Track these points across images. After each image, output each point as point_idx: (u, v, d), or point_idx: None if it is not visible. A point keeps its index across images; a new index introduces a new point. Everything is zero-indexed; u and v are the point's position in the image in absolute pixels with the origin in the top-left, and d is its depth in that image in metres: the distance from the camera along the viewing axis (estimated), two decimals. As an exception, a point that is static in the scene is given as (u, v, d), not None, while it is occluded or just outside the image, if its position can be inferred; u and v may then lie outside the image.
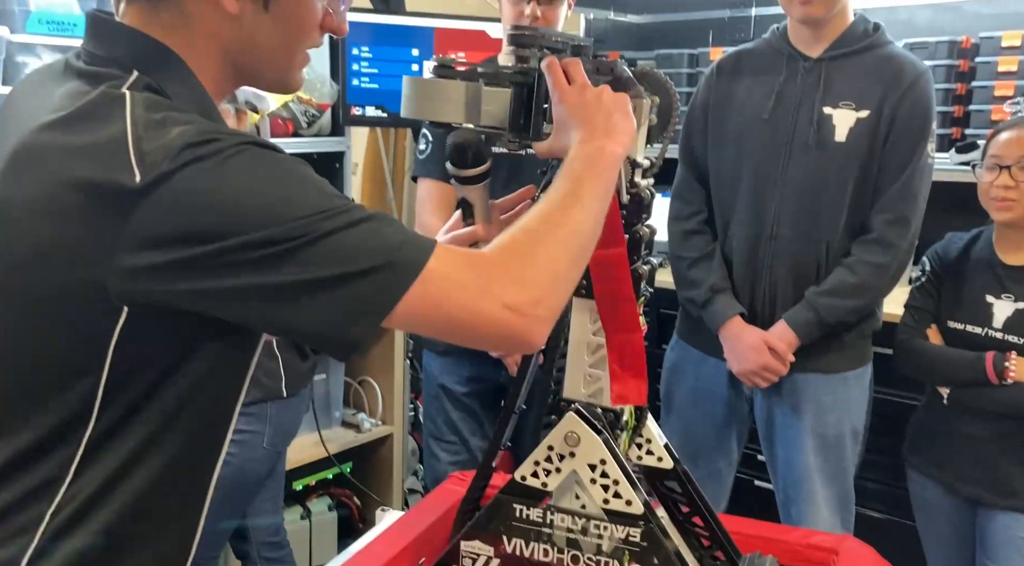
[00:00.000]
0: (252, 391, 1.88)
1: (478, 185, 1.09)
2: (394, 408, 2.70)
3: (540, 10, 1.87)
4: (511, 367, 1.99)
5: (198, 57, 0.83)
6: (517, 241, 0.82)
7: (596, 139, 0.91)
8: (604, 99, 0.93)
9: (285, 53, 0.87)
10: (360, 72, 2.59)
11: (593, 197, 0.87)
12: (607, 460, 0.98)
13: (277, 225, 0.72)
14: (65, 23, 1.93)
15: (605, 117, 0.92)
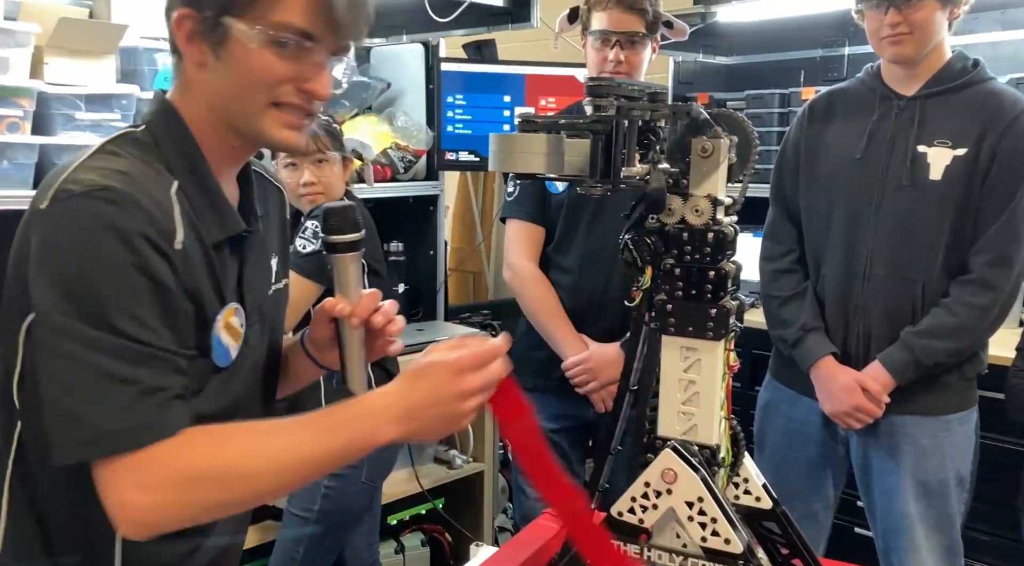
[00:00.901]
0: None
1: (344, 255, 1.05)
2: (485, 445, 2.74)
3: (623, 55, 1.91)
4: (597, 404, 2.02)
5: (195, 113, 0.95)
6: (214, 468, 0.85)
7: (387, 415, 0.88)
8: (440, 391, 0.89)
9: (246, 102, 0.92)
10: (454, 119, 2.70)
11: (317, 459, 0.87)
12: (704, 498, 0.99)
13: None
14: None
15: (419, 402, 0.89)
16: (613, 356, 1.97)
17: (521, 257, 2.06)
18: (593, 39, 1.95)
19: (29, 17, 1.82)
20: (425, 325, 2.81)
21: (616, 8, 1.90)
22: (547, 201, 2.04)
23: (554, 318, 2.03)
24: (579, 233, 2.02)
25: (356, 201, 2.05)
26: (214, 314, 0.94)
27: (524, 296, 2.08)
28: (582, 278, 2.02)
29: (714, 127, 1.01)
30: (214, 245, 0.95)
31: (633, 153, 1.01)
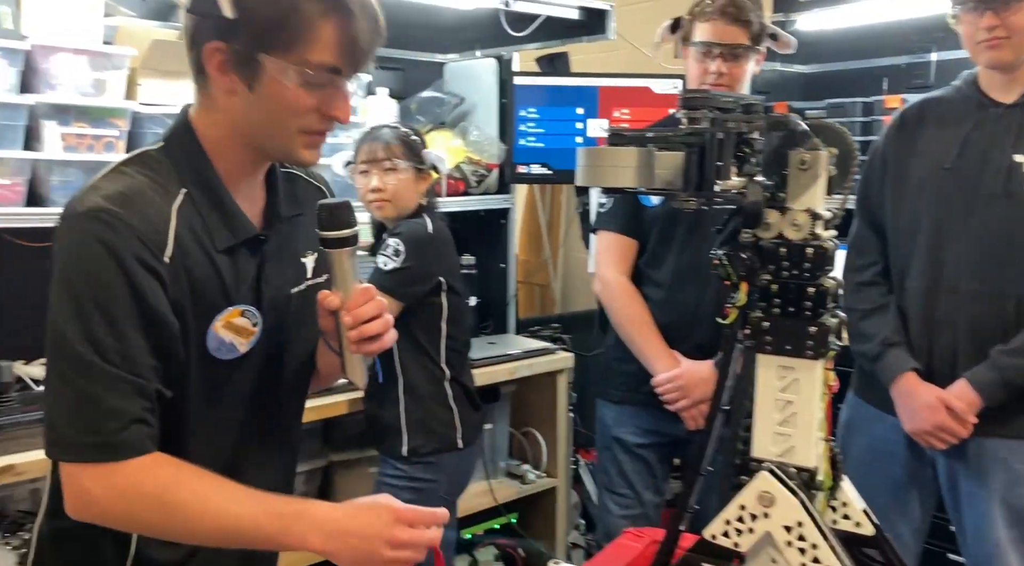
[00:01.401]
0: (429, 442, 1.98)
1: (339, 250, 1.05)
2: (558, 460, 2.72)
3: (725, 67, 1.87)
4: (688, 422, 1.97)
5: (216, 131, 1.02)
6: (165, 499, 0.94)
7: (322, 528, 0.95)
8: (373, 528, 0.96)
9: (277, 129, 1.00)
10: (527, 132, 2.70)
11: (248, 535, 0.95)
12: (804, 522, 0.96)
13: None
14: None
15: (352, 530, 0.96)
16: (706, 373, 1.92)
17: (612, 269, 2.04)
18: (695, 50, 1.91)
19: (124, 40, 1.89)
20: (496, 338, 2.81)
21: (720, 19, 1.86)
22: (641, 214, 2.00)
23: (645, 332, 1.99)
24: (673, 247, 1.98)
25: (433, 214, 2.06)
26: (213, 314, 1.02)
27: (614, 309, 2.04)
28: (675, 293, 1.98)
29: (813, 138, 0.98)
30: (225, 250, 1.03)
31: (729, 166, 0.99)
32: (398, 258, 1.91)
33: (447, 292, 2.00)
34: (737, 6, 1.86)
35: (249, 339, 1.06)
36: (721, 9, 1.86)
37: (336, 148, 2.29)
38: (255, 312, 1.06)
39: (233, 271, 1.04)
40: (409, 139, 2.02)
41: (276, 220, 1.10)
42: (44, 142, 1.77)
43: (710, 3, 1.88)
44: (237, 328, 1.05)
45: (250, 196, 1.08)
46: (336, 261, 1.06)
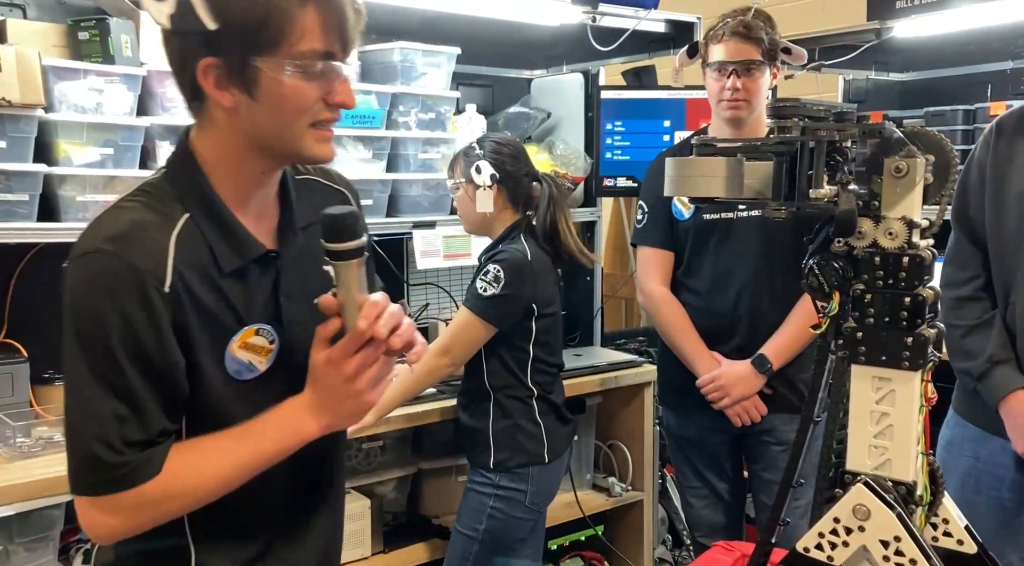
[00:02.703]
0: (516, 456, 2.01)
1: (342, 263, 1.00)
2: (644, 474, 2.70)
3: (740, 82, 2.00)
4: (733, 419, 2.10)
5: (217, 151, 1.01)
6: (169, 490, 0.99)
7: (303, 415, 1.02)
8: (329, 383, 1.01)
9: (286, 130, 0.99)
10: (613, 145, 2.72)
11: (245, 463, 1.00)
12: (902, 537, 0.94)
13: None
14: (365, 117, 2.23)
15: (322, 398, 1.01)
16: (744, 372, 2.08)
17: (652, 281, 2.19)
18: (711, 70, 2.05)
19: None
20: (583, 350, 2.82)
21: (732, 39, 2.00)
22: (675, 227, 2.16)
23: (685, 337, 2.14)
24: (707, 257, 2.13)
25: (534, 233, 2.05)
26: (228, 337, 1.02)
27: (657, 318, 2.21)
28: (712, 299, 2.13)
29: (909, 146, 0.97)
30: (232, 273, 1.02)
31: (820, 174, 0.98)
32: (497, 285, 1.95)
33: (538, 317, 2.02)
34: (747, 26, 2.00)
35: (267, 357, 1.05)
36: (732, 29, 2.00)
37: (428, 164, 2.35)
38: (270, 330, 1.05)
39: (244, 292, 1.03)
40: (471, 154, 2.05)
41: (291, 233, 1.08)
42: (158, 161, 1.89)
43: (722, 26, 2.02)
44: (253, 347, 1.04)
45: (262, 212, 1.07)
46: (341, 274, 1.00)
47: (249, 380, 1.05)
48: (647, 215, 2.20)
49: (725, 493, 2.23)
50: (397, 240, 2.44)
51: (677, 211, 2.14)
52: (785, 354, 2.07)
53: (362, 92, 2.20)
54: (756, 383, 2.08)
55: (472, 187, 2.02)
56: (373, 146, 2.24)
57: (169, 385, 0.99)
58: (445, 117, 2.40)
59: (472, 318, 1.97)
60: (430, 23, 2.31)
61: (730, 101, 2.01)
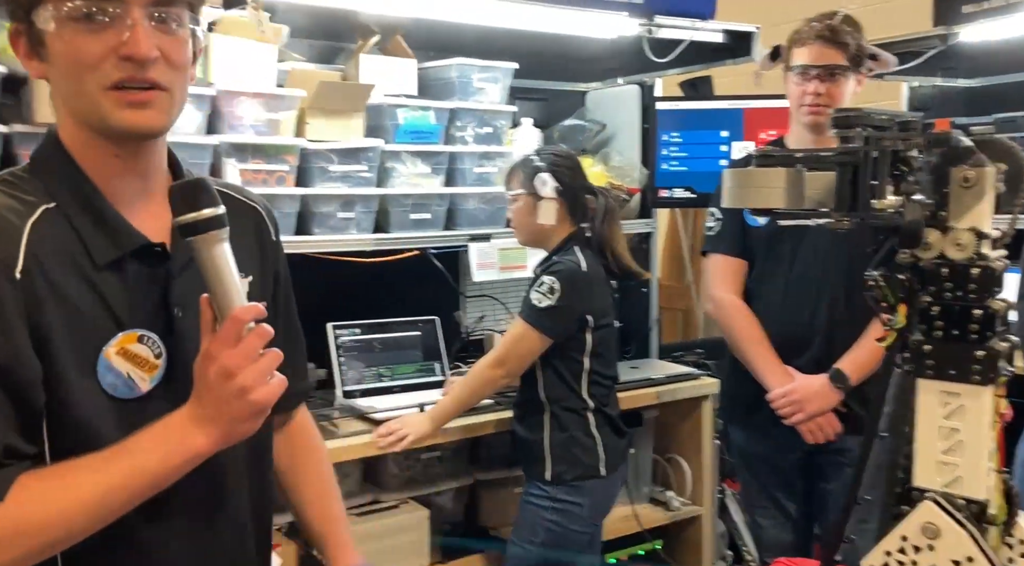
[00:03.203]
0: (572, 469, 2.00)
1: (200, 237, 0.86)
2: (703, 489, 2.67)
3: (823, 87, 1.94)
4: (806, 435, 2.02)
5: (64, 127, 0.91)
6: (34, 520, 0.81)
7: (189, 427, 0.85)
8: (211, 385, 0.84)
9: (81, 95, 0.86)
10: (669, 156, 2.70)
11: (119, 485, 0.83)
12: (975, 558, 0.91)
13: None
14: (424, 132, 2.26)
15: (207, 404, 0.85)
16: (819, 387, 1.99)
17: (723, 289, 2.13)
18: (793, 74, 2.00)
19: (294, 83, 2.06)
20: (640, 362, 2.80)
21: (817, 43, 1.95)
22: (748, 234, 2.09)
23: (758, 348, 2.06)
24: (782, 265, 2.06)
25: (588, 244, 2.06)
26: (101, 341, 0.87)
27: (727, 327, 2.13)
28: (786, 309, 2.06)
29: (977, 154, 0.94)
30: (108, 265, 0.88)
31: (884, 185, 0.97)
32: (552, 296, 1.96)
33: (593, 329, 2.02)
34: (833, 30, 1.94)
35: (152, 374, 0.90)
36: (818, 33, 1.95)
37: (485, 178, 2.38)
38: (157, 341, 0.90)
39: (123, 290, 0.89)
40: (530, 165, 2.06)
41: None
42: (225, 177, 1.95)
43: (807, 29, 1.97)
44: (136, 358, 0.89)
45: (145, 209, 0.93)
46: (202, 253, 0.86)
47: (130, 400, 0.89)
48: (720, 222, 2.14)
49: (795, 513, 2.15)
50: (453, 253, 2.47)
51: (751, 217, 2.06)
52: (864, 369, 1.97)
53: (420, 108, 2.24)
54: (832, 399, 1.99)
55: (533, 198, 2.04)
56: (431, 161, 2.28)
57: (18, 394, 0.82)
58: (501, 131, 2.42)
59: (527, 329, 1.97)
60: (487, 39, 2.34)
61: (811, 106, 1.96)
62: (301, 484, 1.19)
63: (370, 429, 2.07)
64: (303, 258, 2.10)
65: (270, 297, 1.06)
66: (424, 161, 2.27)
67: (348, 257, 2.18)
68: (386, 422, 2.06)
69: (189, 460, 0.87)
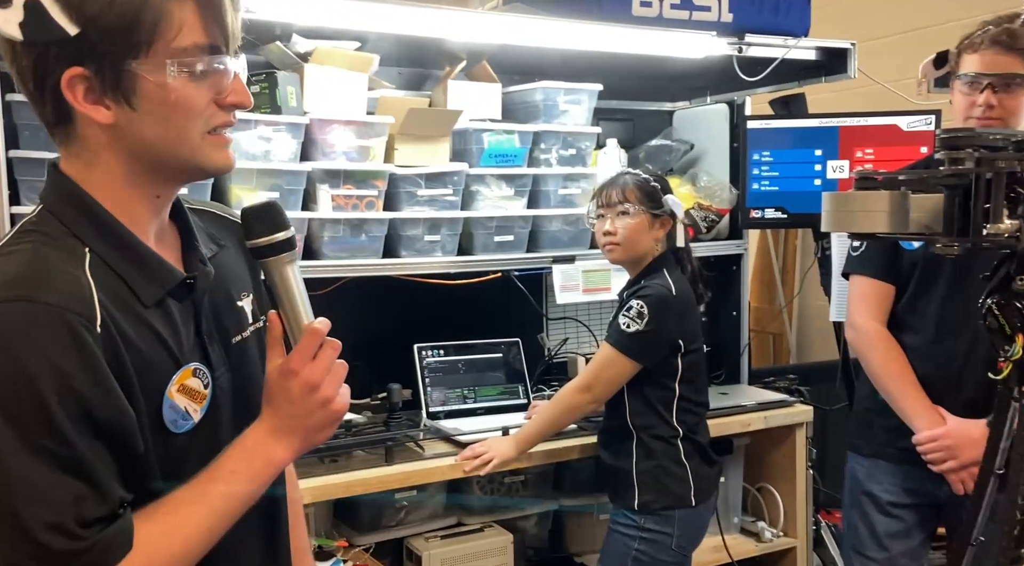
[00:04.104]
0: (661, 498, 1.95)
1: (273, 259, 0.91)
2: (797, 520, 2.56)
3: (995, 99, 1.74)
4: (956, 485, 1.81)
5: (100, 176, 0.87)
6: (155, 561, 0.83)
7: (268, 442, 0.90)
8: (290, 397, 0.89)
9: (180, 141, 0.86)
10: (760, 176, 2.64)
11: (222, 511, 0.87)
12: (1107, 611, 0.83)
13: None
14: (508, 155, 2.27)
15: (285, 417, 0.90)
16: (976, 434, 1.74)
17: (866, 316, 1.92)
18: (961, 83, 1.80)
19: (384, 110, 2.10)
20: (729, 388, 2.73)
21: (991, 49, 1.75)
22: (899, 257, 1.89)
23: (904, 385, 1.86)
24: (936, 293, 1.85)
25: (691, 263, 2.05)
26: (166, 380, 0.88)
27: (869, 358, 1.92)
28: (939, 343, 1.85)
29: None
30: (155, 303, 0.88)
31: (1000, 208, 0.91)
32: (641, 321, 1.92)
33: (683, 354, 1.98)
34: (1012, 34, 1.73)
35: (202, 404, 0.92)
36: (993, 38, 1.74)
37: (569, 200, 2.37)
38: (206, 371, 0.92)
39: (170, 327, 0.89)
40: (648, 185, 2.04)
41: (198, 262, 0.95)
42: (319, 203, 2.00)
43: (981, 33, 1.76)
44: (191, 392, 0.91)
45: (161, 241, 0.93)
46: (274, 272, 0.91)
47: (181, 433, 0.90)
48: (865, 242, 1.91)
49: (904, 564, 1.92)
50: (537, 275, 2.46)
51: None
52: None
53: (504, 131, 2.25)
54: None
55: (649, 217, 2.01)
56: (515, 184, 2.29)
57: (122, 444, 0.83)
58: (586, 152, 2.41)
59: (615, 355, 1.95)
60: (571, 60, 2.34)
61: (980, 118, 1.75)
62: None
63: (455, 451, 2.08)
64: (390, 280, 2.14)
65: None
66: (508, 184, 2.27)
67: (433, 279, 2.20)
68: (471, 445, 2.06)
69: (275, 473, 0.92)
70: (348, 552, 1.94)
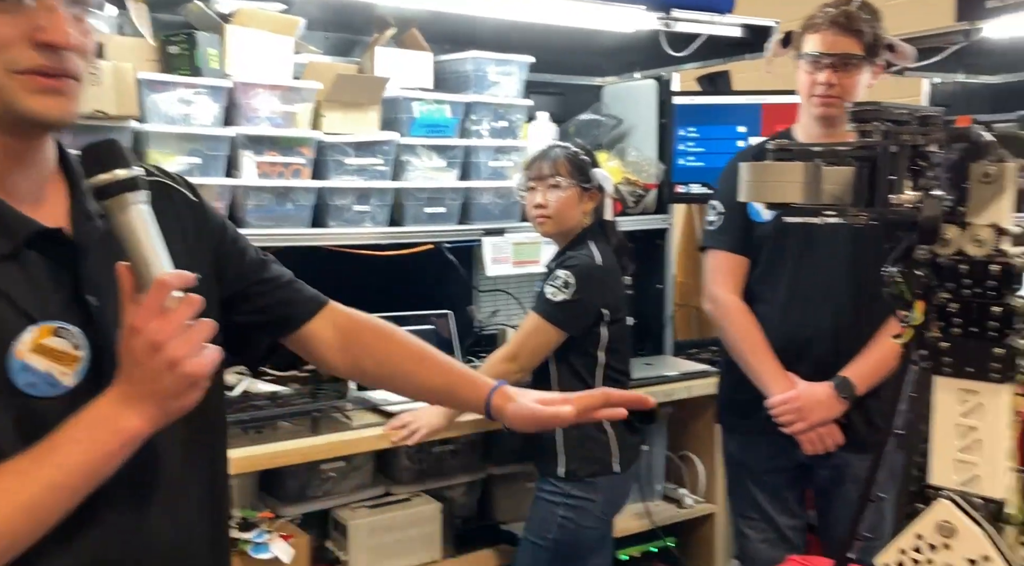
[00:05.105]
0: (586, 466, 2.00)
1: (115, 199, 0.82)
2: (716, 486, 2.65)
3: (835, 77, 1.85)
4: (805, 446, 1.94)
5: None
6: None
7: (117, 409, 0.80)
8: (139, 360, 0.79)
9: None
10: (686, 151, 2.69)
11: (58, 483, 0.78)
12: (991, 558, 0.89)
13: None
14: (439, 125, 2.26)
15: (137, 383, 0.79)
16: (824, 396, 1.89)
17: (723, 289, 2.03)
18: (804, 62, 1.90)
19: (311, 75, 2.06)
20: (654, 359, 2.79)
21: (830, 30, 1.85)
22: (752, 230, 1.99)
23: (758, 353, 1.97)
24: (787, 265, 1.96)
25: (599, 239, 2.07)
26: (9, 337, 0.81)
27: (726, 330, 2.03)
28: (790, 312, 1.96)
29: (999, 150, 0.93)
30: (5, 258, 0.82)
31: (903, 180, 0.96)
32: (567, 290, 1.95)
33: (608, 323, 2.02)
34: (849, 16, 1.85)
35: (74, 367, 0.84)
36: (831, 20, 1.85)
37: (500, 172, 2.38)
38: (76, 332, 0.84)
39: (26, 282, 0.83)
40: (577, 158, 2.06)
41: (85, 218, 0.88)
42: (243, 170, 1.96)
43: (821, 15, 1.87)
44: (53, 353, 0.83)
45: (35, 194, 0.87)
46: (118, 216, 0.82)
47: (52, 398, 0.83)
48: (722, 216, 2.03)
49: (786, 529, 2.06)
50: (467, 247, 2.47)
51: (755, 213, 1.98)
52: (871, 379, 1.87)
53: (436, 101, 2.24)
54: (836, 408, 1.90)
55: (579, 190, 2.03)
56: (446, 155, 2.28)
57: None
58: (517, 125, 2.42)
59: (542, 323, 1.97)
60: (502, 32, 2.33)
61: (822, 97, 1.86)
62: (388, 362, 1.14)
63: (383, 421, 2.08)
64: (318, 250, 2.11)
65: (215, 265, 1.02)
66: (439, 155, 2.27)
67: (362, 250, 2.19)
68: (399, 415, 2.06)
69: (126, 444, 0.82)
70: (273, 523, 1.93)
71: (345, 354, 1.14)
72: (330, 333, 1.14)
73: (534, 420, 1.08)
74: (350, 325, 1.16)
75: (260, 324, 1.11)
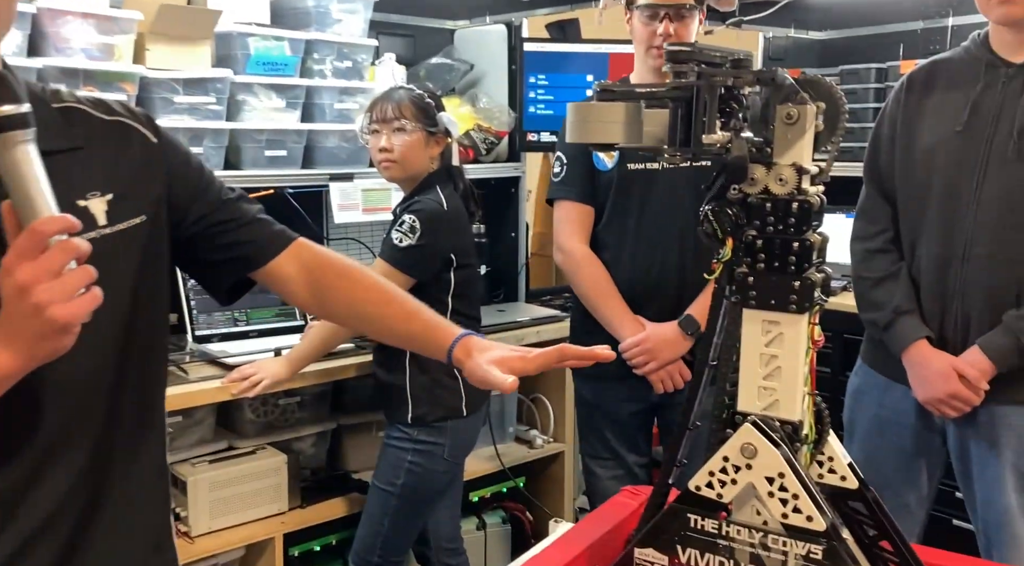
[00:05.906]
0: (434, 411, 2.01)
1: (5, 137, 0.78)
2: (566, 426, 2.74)
3: (672, 28, 1.90)
4: (657, 385, 2.01)
5: None
6: None
7: None
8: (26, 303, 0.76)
9: None
10: (536, 99, 2.70)
11: None
12: (786, 474, 0.96)
13: None
14: (278, 63, 2.15)
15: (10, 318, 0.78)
16: (671, 336, 1.97)
17: (572, 239, 2.05)
18: (640, 13, 1.94)
19: (132, 5, 1.90)
20: (507, 306, 2.83)
21: None
22: (595, 179, 2.02)
23: (608, 299, 2.02)
24: (630, 212, 2.01)
25: (446, 184, 2.05)
26: None
27: (577, 279, 2.07)
28: (635, 258, 2.02)
29: (800, 93, 0.98)
30: None
31: (714, 121, 0.98)
32: (413, 235, 1.92)
33: (456, 268, 2.01)
34: None
35: None
36: None
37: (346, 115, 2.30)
38: None
39: None
40: (423, 101, 2.02)
41: None
42: (54, 106, 1.79)
43: None
44: None
45: None
46: (5, 159, 0.78)
47: None
48: (565, 167, 2.05)
49: (635, 467, 2.15)
50: (315, 193, 2.39)
51: (599, 161, 2.00)
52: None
53: (274, 38, 2.13)
54: (683, 346, 1.97)
55: (425, 134, 1.98)
56: (287, 95, 2.18)
57: None
58: (363, 66, 2.34)
59: (389, 269, 1.94)
60: (347, -32, 2.24)
61: (660, 48, 1.88)
62: (353, 303, 1.14)
63: (223, 374, 2.00)
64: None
65: (170, 204, 1.02)
66: (278, 94, 2.16)
67: (198, 196, 2.07)
68: (240, 367, 1.99)
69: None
70: (104, 483, 1.83)
71: (312, 293, 1.14)
72: (296, 271, 1.13)
73: (485, 384, 1.09)
74: (315, 263, 1.14)
75: (223, 262, 1.11)
